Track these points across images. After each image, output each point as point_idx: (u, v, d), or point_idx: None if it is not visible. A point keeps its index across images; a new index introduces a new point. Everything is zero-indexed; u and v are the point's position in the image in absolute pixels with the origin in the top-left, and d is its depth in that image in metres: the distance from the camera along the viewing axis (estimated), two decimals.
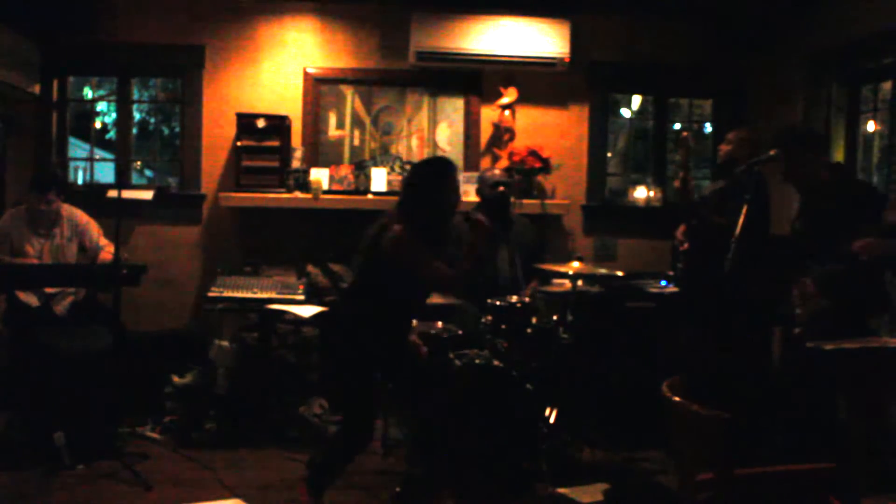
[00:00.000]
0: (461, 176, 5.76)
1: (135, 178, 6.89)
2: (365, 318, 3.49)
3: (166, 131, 10.27)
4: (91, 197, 5.35)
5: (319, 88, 5.83)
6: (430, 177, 3.54)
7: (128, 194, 4.96)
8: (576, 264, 4.44)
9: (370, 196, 5.63)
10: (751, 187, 3.84)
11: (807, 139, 3.99)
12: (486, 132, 5.94)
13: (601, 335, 5.03)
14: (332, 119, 5.87)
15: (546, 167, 5.73)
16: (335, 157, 5.84)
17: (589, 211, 6.01)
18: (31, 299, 4.75)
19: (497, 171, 5.21)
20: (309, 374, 5.19)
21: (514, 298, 4.38)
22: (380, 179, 5.72)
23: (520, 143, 5.80)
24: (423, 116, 5.93)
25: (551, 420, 4.31)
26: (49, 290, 4.75)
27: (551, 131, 5.96)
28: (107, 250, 4.91)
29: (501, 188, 4.97)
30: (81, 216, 4.99)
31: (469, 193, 5.58)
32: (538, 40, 5.58)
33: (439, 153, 5.91)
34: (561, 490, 4.01)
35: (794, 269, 3.87)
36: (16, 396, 4.56)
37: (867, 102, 5.12)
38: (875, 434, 3.25)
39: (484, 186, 5.09)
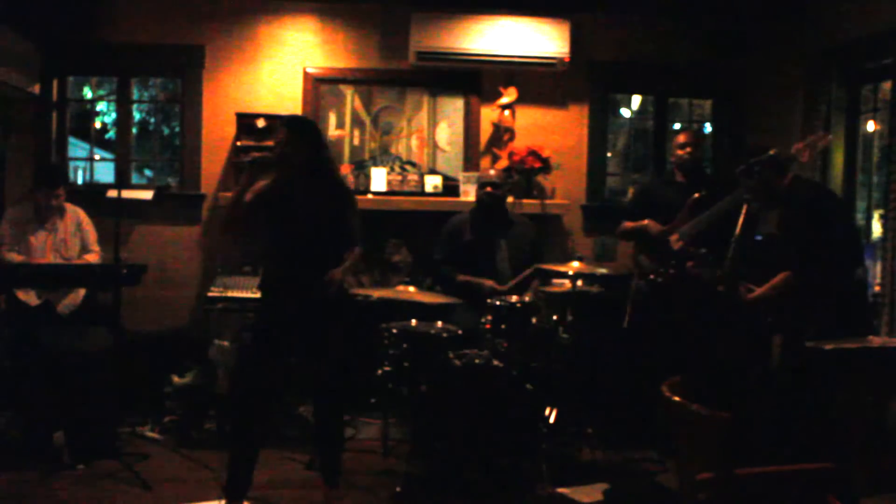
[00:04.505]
0: (461, 175, 5.79)
1: (135, 178, 6.87)
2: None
3: (166, 131, 10.26)
4: (91, 197, 5.35)
5: (319, 88, 5.83)
6: None
7: (128, 194, 4.99)
8: (576, 264, 4.44)
9: (370, 196, 5.63)
10: (752, 188, 3.85)
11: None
12: (486, 132, 5.93)
13: (601, 335, 5.03)
14: (332, 119, 5.87)
15: (546, 167, 5.73)
16: (335, 156, 5.83)
17: (589, 211, 6.01)
18: (30, 298, 4.76)
19: (492, 172, 5.21)
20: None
21: (515, 298, 4.38)
22: (380, 179, 5.73)
23: (520, 143, 5.80)
24: (423, 116, 5.93)
25: (551, 420, 4.32)
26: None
27: (551, 131, 5.96)
28: (94, 254, 4.99)
29: (489, 188, 4.97)
30: (84, 216, 5.05)
31: (469, 193, 5.59)
32: (538, 40, 5.58)
33: (439, 153, 5.92)
34: (561, 490, 4.01)
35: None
36: (16, 396, 4.56)
37: (867, 102, 5.11)
38: (875, 434, 3.25)
39: (477, 187, 5.11)
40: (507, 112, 5.83)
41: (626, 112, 7.48)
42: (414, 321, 4.19)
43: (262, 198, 3.58)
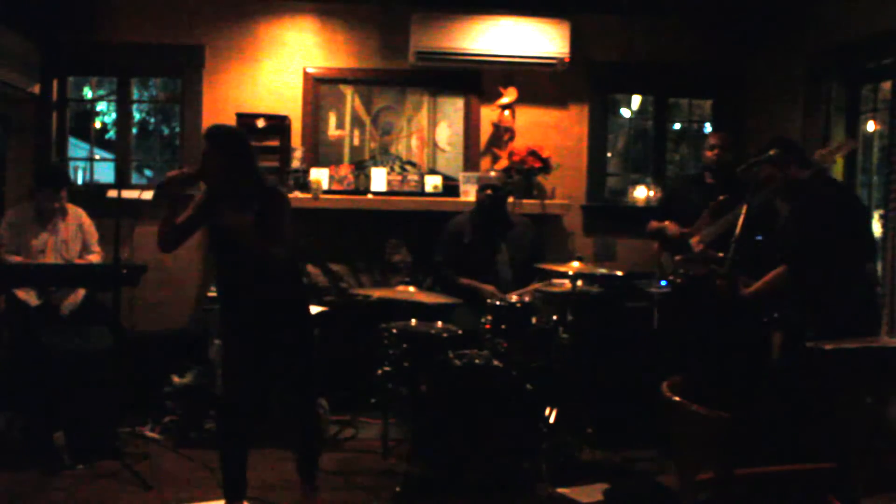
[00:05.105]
0: (461, 175, 5.79)
1: (135, 178, 6.87)
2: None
3: (166, 131, 10.27)
4: (91, 197, 5.35)
5: (319, 88, 5.83)
6: None
7: (128, 194, 4.98)
8: (576, 264, 4.44)
9: (370, 196, 5.63)
10: (752, 187, 3.85)
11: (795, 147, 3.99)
12: (486, 132, 5.94)
13: (601, 335, 5.03)
14: (332, 119, 5.87)
15: (546, 167, 5.73)
16: (335, 157, 5.84)
17: (589, 211, 6.01)
18: (30, 298, 4.76)
19: (492, 174, 5.22)
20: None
21: (515, 298, 4.38)
22: (379, 179, 5.73)
23: (520, 143, 5.80)
24: (423, 116, 5.93)
25: (551, 420, 4.32)
26: (50, 287, 4.79)
27: (551, 131, 5.96)
28: (95, 254, 5.00)
29: (489, 191, 4.97)
30: (85, 217, 5.07)
31: (469, 193, 5.59)
32: (538, 40, 5.58)
33: (439, 153, 5.92)
34: (561, 490, 4.01)
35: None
36: (16, 396, 4.56)
37: (867, 102, 5.11)
38: (875, 434, 3.25)
39: (477, 189, 5.11)
40: (507, 112, 5.83)
41: (626, 112, 7.48)
42: (414, 321, 4.19)
43: (197, 211, 3.66)
